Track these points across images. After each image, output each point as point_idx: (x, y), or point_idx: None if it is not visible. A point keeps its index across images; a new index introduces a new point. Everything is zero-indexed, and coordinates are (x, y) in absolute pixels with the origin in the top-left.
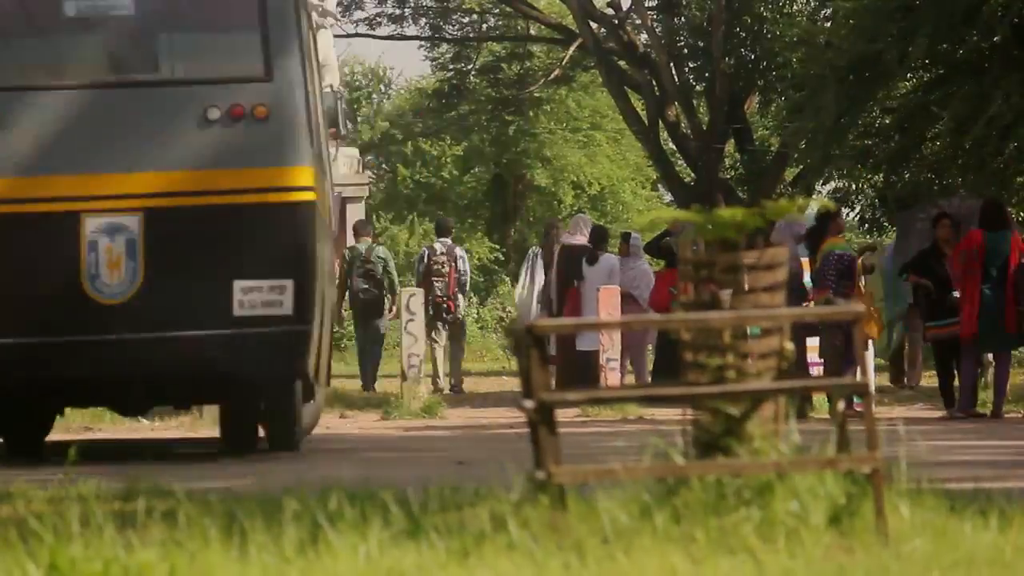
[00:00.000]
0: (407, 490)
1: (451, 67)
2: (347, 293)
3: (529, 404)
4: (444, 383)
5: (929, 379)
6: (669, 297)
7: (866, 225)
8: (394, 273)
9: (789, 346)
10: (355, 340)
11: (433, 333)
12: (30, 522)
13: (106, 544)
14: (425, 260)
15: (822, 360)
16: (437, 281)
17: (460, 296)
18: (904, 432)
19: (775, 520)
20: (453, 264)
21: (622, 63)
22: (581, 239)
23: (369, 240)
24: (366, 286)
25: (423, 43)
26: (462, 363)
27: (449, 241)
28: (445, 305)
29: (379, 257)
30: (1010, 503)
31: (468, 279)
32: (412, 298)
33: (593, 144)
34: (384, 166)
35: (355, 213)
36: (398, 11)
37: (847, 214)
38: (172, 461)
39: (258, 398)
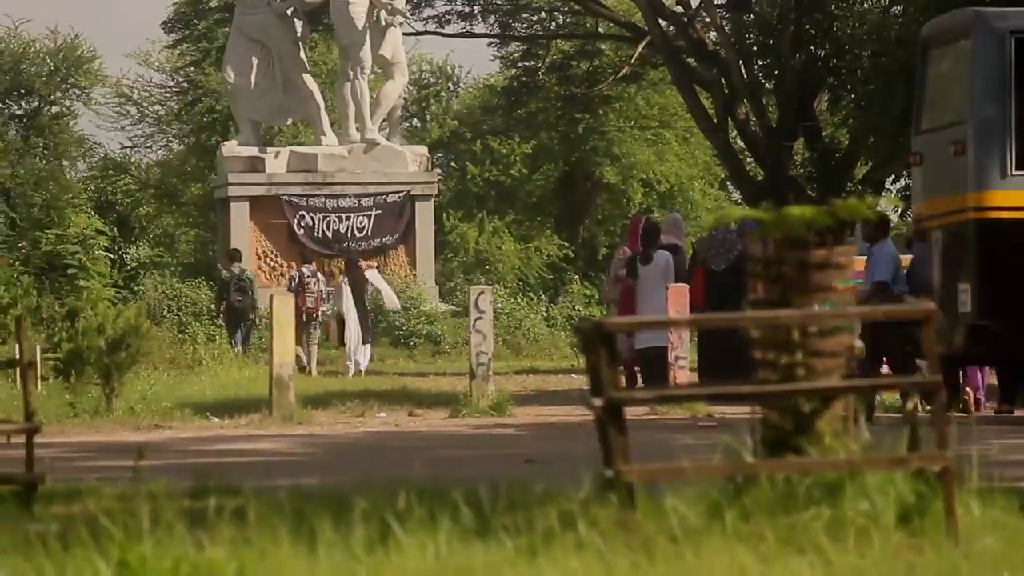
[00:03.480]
0: (476, 488)
1: (520, 65)
2: (223, 304)
3: (597, 402)
4: (315, 370)
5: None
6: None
7: None
8: (257, 290)
9: (859, 344)
10: (230, 341)
11: (304, 335)
12: (100, 520)
13: (176, 542)
14: (298, 280)
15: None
16: (308, 296)
17: (323, 305)
18: (975, 430)
19: (845, 519)
20: (318, 283)
21: (691, 61)
22: (675, 239)
23: (241, 265)
24: (240, 297)
25: (492, 41)
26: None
27: (312, 266)
28: (314, 313)
29: (248, 278)
30: None
31: (326, 295)
32: (480, 296)
33: (662, 142)
34: (453, 164)
35: (424, 211)
36: (467, 9)
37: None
38: (242, 459)
39: None
